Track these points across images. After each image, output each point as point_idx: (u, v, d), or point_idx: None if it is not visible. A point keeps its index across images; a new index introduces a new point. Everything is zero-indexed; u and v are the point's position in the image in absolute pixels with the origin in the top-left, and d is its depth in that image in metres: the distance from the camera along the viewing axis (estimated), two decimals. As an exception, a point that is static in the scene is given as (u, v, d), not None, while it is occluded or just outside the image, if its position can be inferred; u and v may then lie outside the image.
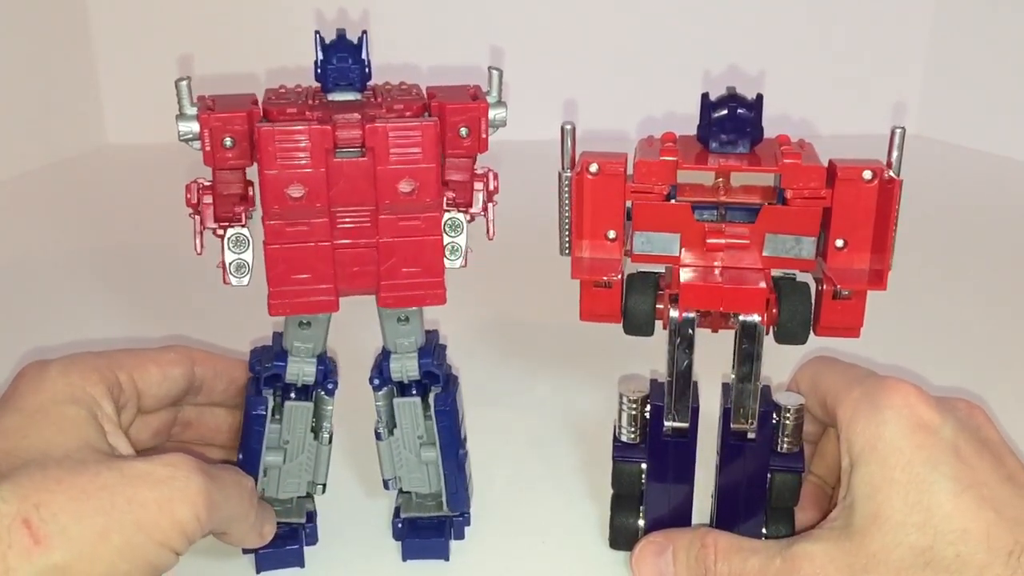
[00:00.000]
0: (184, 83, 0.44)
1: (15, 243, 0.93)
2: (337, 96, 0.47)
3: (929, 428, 0.43)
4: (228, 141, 0.44)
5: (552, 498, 0.57)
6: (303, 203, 0.44)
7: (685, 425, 0.49)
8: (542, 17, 1.15)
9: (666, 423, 0.49)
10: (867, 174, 0.45)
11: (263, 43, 1.10)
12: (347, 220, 0.45)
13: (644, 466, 0.50)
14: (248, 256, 0.46)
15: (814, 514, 0.51)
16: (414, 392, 0.50)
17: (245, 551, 0.51)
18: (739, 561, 0.45)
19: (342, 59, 0.46)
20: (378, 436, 0.51)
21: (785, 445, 0.49)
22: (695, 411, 0.49)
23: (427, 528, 0.52)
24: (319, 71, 0.46)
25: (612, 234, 0.47)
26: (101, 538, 0.38)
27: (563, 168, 0.46)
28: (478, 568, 0.52)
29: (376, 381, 0.50)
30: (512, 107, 0.47)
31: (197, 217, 0.46)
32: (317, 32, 0.46)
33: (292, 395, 0.50)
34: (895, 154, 0.45)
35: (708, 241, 0.46)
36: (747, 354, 0.47)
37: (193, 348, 0.52)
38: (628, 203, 0.47)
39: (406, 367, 0.50)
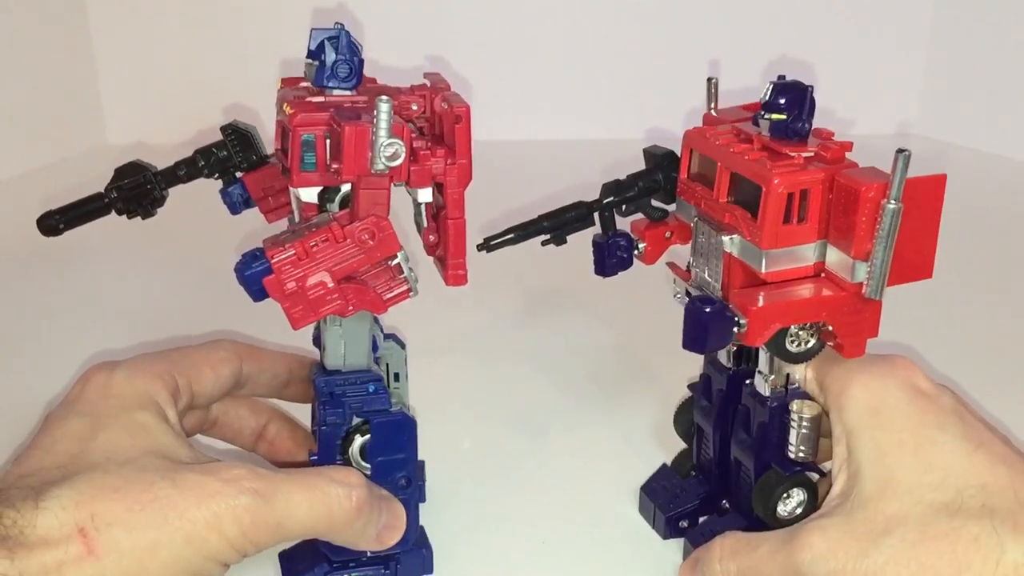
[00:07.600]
0: (386, 105, 0.42)
1: (14, 243, 0.93)
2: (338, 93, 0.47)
3: (930, 396, 0.44)
4: None
5: (584, 491, 0.58)
6: None
7: None
8: (550, 22, 1.15)
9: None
10: None
11: (264, 43, 1.10)
12: None
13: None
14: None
15: None
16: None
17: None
18: (747, 554, 0.44)
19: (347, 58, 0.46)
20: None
21: None
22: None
23: None
24: (335, 70, 0.46)
25: None
26: (151, 552, 0.39)
27: (891, 200, 0.41)
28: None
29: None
30: (509, 108, 0.47)
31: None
32: (313, 30, 0.46)
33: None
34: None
35: None
36: None
37: (239, 343, 0.52)
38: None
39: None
